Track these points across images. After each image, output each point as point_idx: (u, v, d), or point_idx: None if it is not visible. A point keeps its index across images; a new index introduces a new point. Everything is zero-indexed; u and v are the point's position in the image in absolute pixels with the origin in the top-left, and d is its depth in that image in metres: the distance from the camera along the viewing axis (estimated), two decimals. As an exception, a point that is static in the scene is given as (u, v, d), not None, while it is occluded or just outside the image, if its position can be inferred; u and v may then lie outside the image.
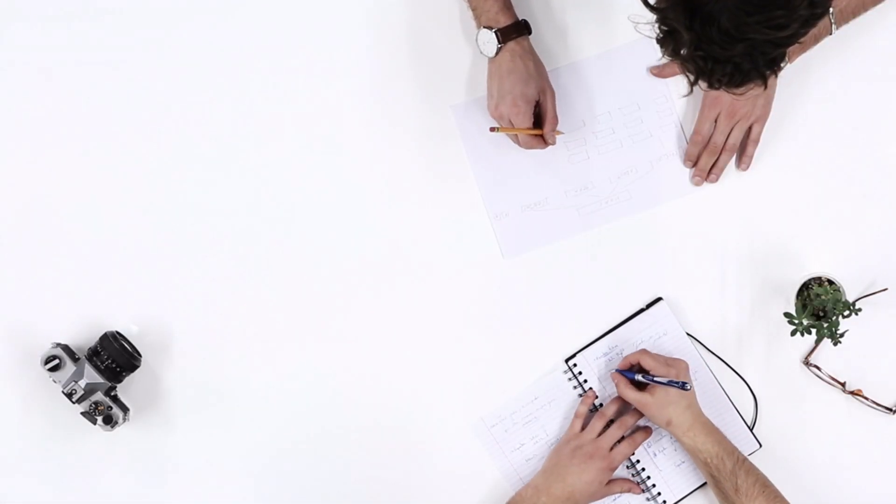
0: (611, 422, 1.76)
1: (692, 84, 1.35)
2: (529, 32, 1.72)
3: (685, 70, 1.33)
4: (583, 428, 1.76)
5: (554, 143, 1.75)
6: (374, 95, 1.81)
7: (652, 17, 1.31)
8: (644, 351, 1.73)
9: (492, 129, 1.73)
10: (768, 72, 1.31)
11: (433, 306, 1.80)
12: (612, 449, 1.73)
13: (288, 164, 1.80)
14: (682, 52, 1.30)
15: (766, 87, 1.34)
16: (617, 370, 1.74)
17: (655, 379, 1.68)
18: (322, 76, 1.81)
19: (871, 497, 1.78)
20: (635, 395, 1.70)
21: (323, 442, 1.79)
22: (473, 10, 1.72)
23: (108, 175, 1.80)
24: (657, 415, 1.70)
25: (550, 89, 1.73)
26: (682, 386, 1.66)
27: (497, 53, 1.70)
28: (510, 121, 1.72)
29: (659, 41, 1.32)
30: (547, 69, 1.75)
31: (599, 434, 1.74)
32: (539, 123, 1.74)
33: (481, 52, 1.72)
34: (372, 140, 1.81)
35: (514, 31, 1.70)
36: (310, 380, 1.79)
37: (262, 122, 1.81)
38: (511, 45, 1.70)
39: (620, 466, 1.76)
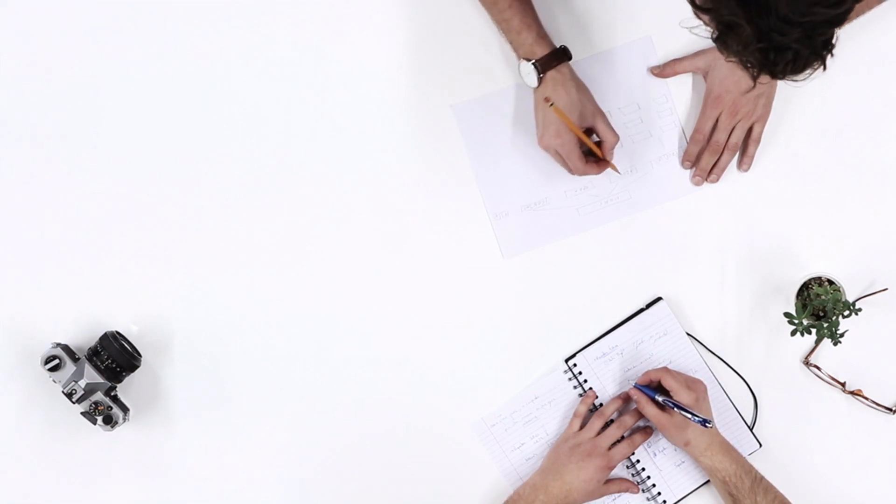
0: (610, 421, 1.76)
1: (755, 78, 1.34)
2: (569, 58, 1.71)
3: (745, 65, 1.31)
4: (581, 427, 1.76)
5: (614, 169, 1.75)
6: (374, 95, 1.80)
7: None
8: (666, 369, 1.72)
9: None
10: (825, 53, 1.30)
11: (433, 306, 1.80)
12: (610, 448, 1.73)
13: (287, 165, 1.80)
14: (740, 47, 1.28)
15: (825, 69, 1.32)
16: (636, 386, 1.73)
17: (678, 408, 1.67)
18: (321, 76, 1.81)
19: (871, 497, 1.78)
20: (656, 413, 1.70)
21: (323, 441, 1.79)
22: (511, 42, 1.71)
23: (108, 174, 1.80)
24: (675, 436, 1.70)
25: (598, 111, 1.71)
26: (704, 423, 1.65)
27: (539, 84, 1.69)
28: (556, 151, 1.71)
29: (718, 40, 1.30)
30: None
31: (598, 433, 1.74)
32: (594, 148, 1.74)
33: (525, 83, 1.71)
34: (372, 140, 1.80)
35: (553, 59, 1.69)
36: (309, 380, 1.79)
37: (261, 123, 1.80)
38: (551, 73, 1.68)
39: (620, 466, 1.77)
